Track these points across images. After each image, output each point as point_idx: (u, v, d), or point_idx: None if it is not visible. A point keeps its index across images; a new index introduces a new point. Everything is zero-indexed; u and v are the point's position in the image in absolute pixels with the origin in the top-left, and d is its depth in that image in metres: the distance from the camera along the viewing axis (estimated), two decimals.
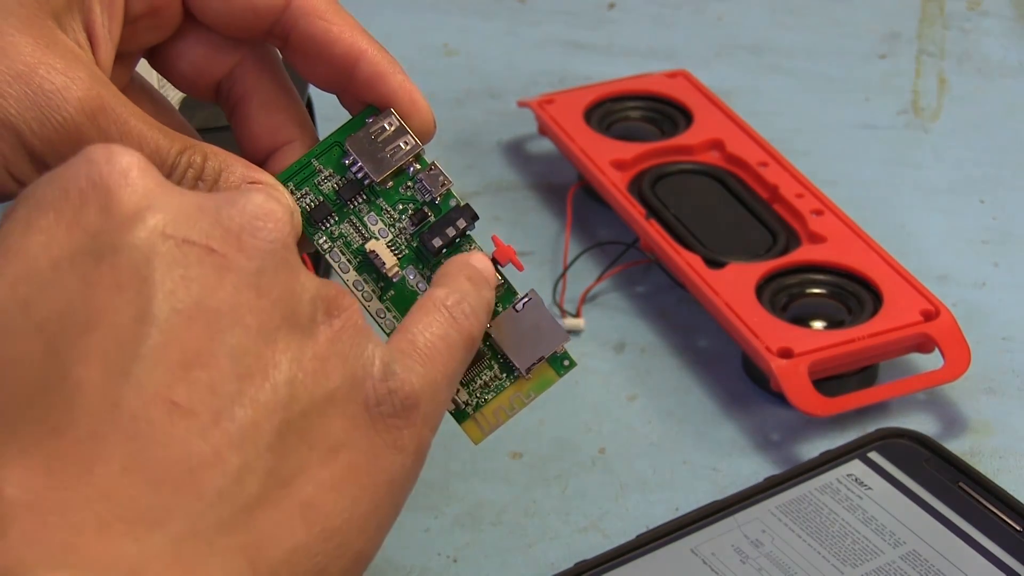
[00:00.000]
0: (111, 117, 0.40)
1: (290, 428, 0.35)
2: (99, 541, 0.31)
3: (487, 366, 0.43)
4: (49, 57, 0.39)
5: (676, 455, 0.58)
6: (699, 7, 0.89)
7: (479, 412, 0.43)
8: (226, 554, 0.33)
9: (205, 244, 0.35)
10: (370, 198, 0.44)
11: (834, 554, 0.51)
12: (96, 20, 0.42)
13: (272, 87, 0.45)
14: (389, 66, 0.44)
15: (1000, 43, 0.85)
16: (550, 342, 0.43)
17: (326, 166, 0.44)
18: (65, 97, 0.39)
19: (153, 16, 0.44)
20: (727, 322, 0.60)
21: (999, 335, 0.64)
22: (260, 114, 0.45)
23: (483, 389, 0.43)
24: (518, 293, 0.44)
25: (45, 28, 0.40)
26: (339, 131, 0.45)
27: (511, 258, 0.44)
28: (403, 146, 0.44)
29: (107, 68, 0.42)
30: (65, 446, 0.32)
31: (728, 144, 0.70)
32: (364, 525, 0.37)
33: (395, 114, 0.44)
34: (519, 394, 0.43)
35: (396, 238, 0.44)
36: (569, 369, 0.44)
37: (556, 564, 0.52)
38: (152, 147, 0.40)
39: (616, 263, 0.67)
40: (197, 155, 0.41)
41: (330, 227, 0.44)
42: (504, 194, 0.73)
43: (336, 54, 0.44)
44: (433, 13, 0.88)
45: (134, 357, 0.33)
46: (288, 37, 0.44)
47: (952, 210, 0.72)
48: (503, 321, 0.43)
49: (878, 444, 0.56)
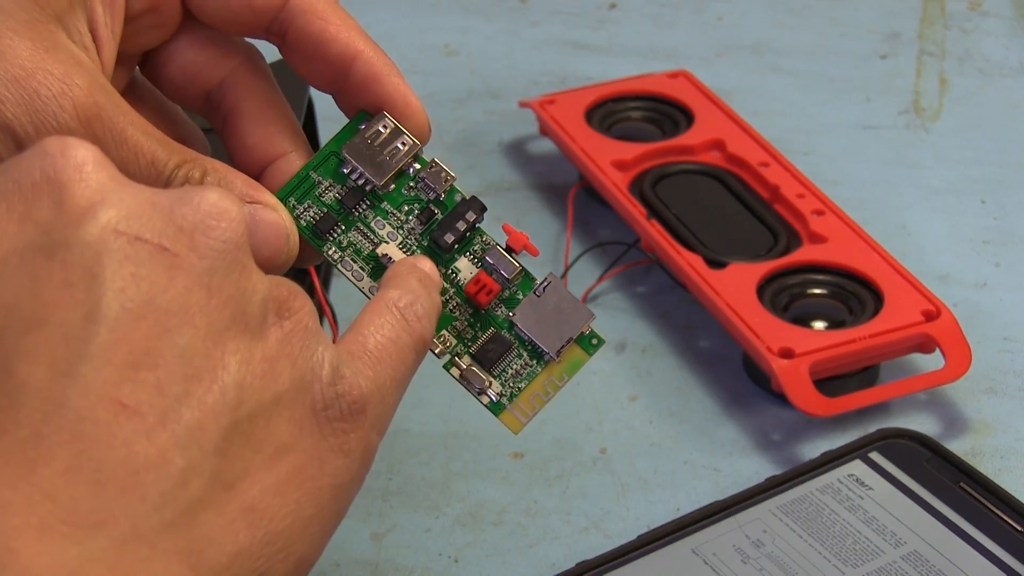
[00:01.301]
0: (107, 125, 0.40)
1: (237, 430, 0.34)
2: (39, 544, 0.31)
3: (516, 355, 0.43)
4: (47, 62, 0.39)
5: (677, 455, 0.58)
6: (700, 7, 0.89)
7: (514, 402, 0.43)
8: (168, 558, 0.33)
9: (157, 243, 0.34)
10: (374, 203, 0.44)
11: (835, 554, 0.51)
12: (99, 20, 0.42)
13: (264, 99, 0.45)
14: (384, 68, 0.44)
15: (1001, 43, 0.85)
16: (576, 322, 0.43)
17: (325, 177, 0.44)
18: (61, 104, 0.39)
19: (153, 14, 0.43)
20: (728, 322, 0.60)
21: (1000, 335, 0.64)
22: (252, 126, 0.45)
23: (515, 378, 0.43)
24: (536, 279, 0.44)
25: (45, 31, 0.40)
26: (333, 141, 0.44)
27: (525, 244, 0.44)
28: (401, 147, 0.44)
29: (110, 68, 0.42)
30: (7, 445, 0.32)
31: (729, 144, 0.70)
32: (307, 529, 0.36)
33: (389, 116, 0.44)
34: (552, 378, 0.43)
35: (406, 239, 0.44)
36: (598, 347, 0.43)
37: (557, 564, 0.52)
38: (148, 158, 0.40)
39: (617, 263, 0.67)
40: (196, 170, 0.41)
41: (338, 236, 0.44)
42: (505, 194, 0.73)
43: (332, 53, 0.44)
44: (434, 13, 0.88)
45: (81, 356, 0.33)
46: (285, 35, 0.44)
47: (953, 210, 0.72)
48: (526, 307, 0.43)
49: (879, 444, 0.56)
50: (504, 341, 0.43)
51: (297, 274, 0.62)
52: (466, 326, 0.43)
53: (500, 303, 0.43)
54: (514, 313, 0.43)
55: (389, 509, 0.55)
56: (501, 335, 0.43)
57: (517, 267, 0.43)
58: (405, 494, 0.56)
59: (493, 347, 0.43)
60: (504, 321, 0.43)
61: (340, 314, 0.62)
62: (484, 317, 0.43)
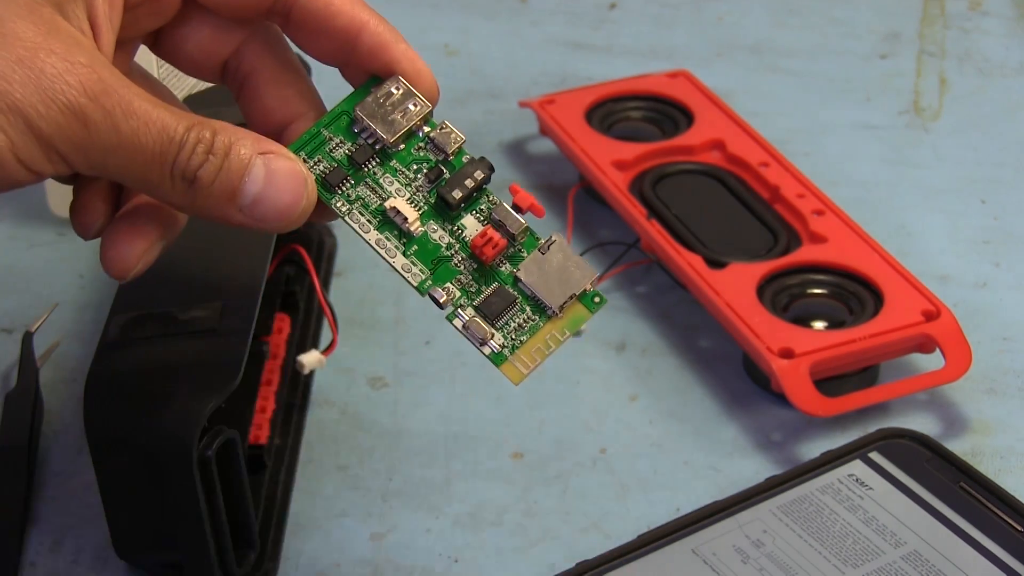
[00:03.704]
0: (114, 98, 0.40)
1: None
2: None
3: (520, 309, 0.44)
4: (50, 42, 0.40)
5: (677, 455, 0.58)
6: (699, 7, 0.89)
7: (515, 354, 0.44)
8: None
9: None
10: (383, 161, 0.45)
11: (835, 554, 0.51)
12: (98, 8, 0.42)
13: (278, 62, 0.46)
14: (391, 35, 0.45)
15: (1001, 43, 0.85)
16: (579, 280, 0.44)
17: (336, 134, 0.45)
18: (68, 80, 0.39)
19: (152, 2, 0.44)
20: (728, 322, 0.60)
21: (1000, 335, 0.64)
22: (268, 89, 0.46)
23: (518, 331, 0.44)
24: (541, 239, 0.44)
25: (46, 15, 0.40)
26: (346, 101, 0.45)
27: (532, 204, 0.45)
28: (412, 108, 0.45)
29: (109, 53, 0.42)
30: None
31: (729, 144, 0.70)
32: None
33: (401, 79, 0.45)
34: (554, 332, 0.44)
35: (414, 196, 0.44)
36: (600, 306, 0.44)
37: (557, 564, 0.52)
38: (158, 126, 0.41)
39: (617, 263, 0.67)
40: (206, 131, 0.41)
41: (347, 190, 0.44)
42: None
43: (338, 27, 0.45)
44: (434, 13, 0.88)
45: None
46: (289, 14, 0.45)
47: (953, 210, 0.72)
48: (531, 264, 0.44)
49: (879, 444, 0.56)
50: (507, 295, 0.44)
51: (297, 273, 0.62)
52: (470, 280, 0.44)
53: (505, 260, 0.44)
54: (519, 269, 0.44)
55: (389, 509, 0.55)
56: (505, 289, 0.44)
57: (522, 224, 0.44)
58: (405, 495, 0.56)
59: (496, 300, 0.44)
60: (508, 276, 0.44)
61: (340, 314, 0.62)
62: (488, 272, 0.44)
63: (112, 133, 0.40)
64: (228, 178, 0.42)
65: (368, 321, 0.64)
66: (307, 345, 0.61)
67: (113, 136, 0.40)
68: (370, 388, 0.61)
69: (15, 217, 0.70)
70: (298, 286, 0.62)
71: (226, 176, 0.42)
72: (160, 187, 0.41)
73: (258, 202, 0.42)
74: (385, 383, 0.61)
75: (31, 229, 0.69)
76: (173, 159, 0.41)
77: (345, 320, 0.63)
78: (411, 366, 0.62)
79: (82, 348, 0.62)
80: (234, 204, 0.42)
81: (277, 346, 0.59)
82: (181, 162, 0.41)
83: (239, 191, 0.42)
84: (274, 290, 0.61)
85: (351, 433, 0.59)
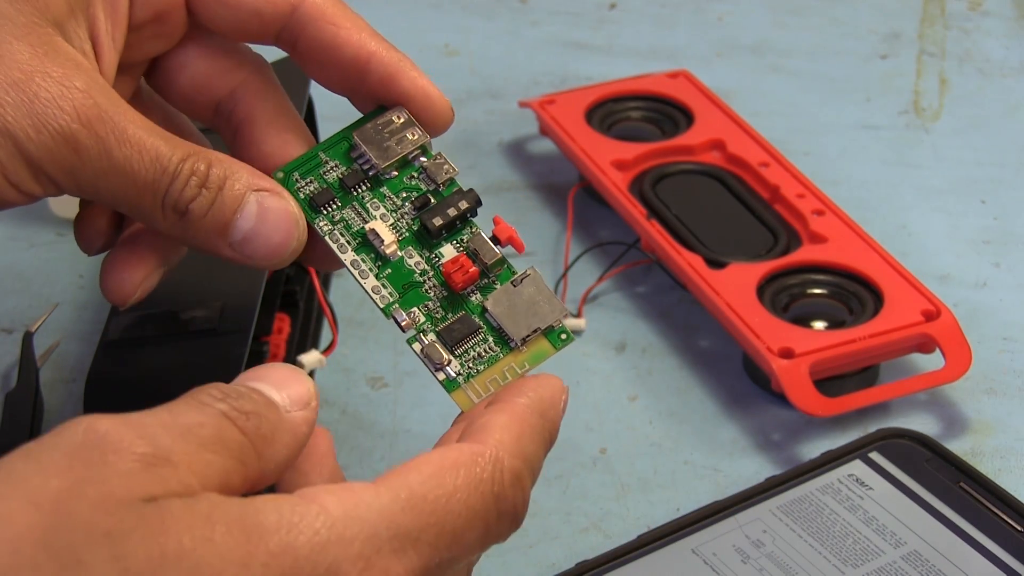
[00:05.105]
0: (108, 126, 0.40)
1: None
2: None
3: (482, 339, 0.43)
4: (47, 65, 0.39)
5: (677, 455, 0.58)
6: (700, 7, 0.89)
7: (470, 382, 0.43)
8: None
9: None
10: (374, 187, 0.45)
11: (835, 554, 0.51)
12: (100, 27, 0.42)
13: (277, 107, 0.45)
14: (400, 64, 0.44)
15: (1001, 43, 0.85)
16: (547, 315, 0.43)
17: (332, 158, 0.45)
18: (61, 106, 0.39)
19: (158, 23, 0.43)
20: (728, 322, 0.60)
21: (1000, 335, 0.64)
22: (268, 133, 0.45)
23: (476, 360, 0.43)
24: (517, 272, 0.44)
25: (44, 35, 0.40)
26: (348, 128, 0.45)
27: (511, 237, 0.44)
28: (409, 137, 0.44)
29: (110, 76, 0.42)
30: None
31: (729, 144, 0.70)
32: None
33: (405, 110, 0.44)
34: (513, 365, 0.43)
35: (397, 221, 0.44)
36: (566, 343, 0.43)
37: (557, 564, 0.52)
38: (152, 155, 0.40)
39: (617, 263, 0.67)
40: (201, 162, 0.41)
41: (331, 212, 0.44)
42: (505, 194, 0.73)
43: (346, 57, 0.44)
44: (434, 13, 0.88)
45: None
46: (296, 42, 0.44)
47: (953, 210, 0.72)
48: (500, 295, 0.43)
49: (879, 444, 0.56)
50: (471, 323, 0.43)
51: (297, 273, 0.62)
52: (438, 307, 0.44)
53: (477, 290, 0.44)
54: (487, 299, 0.43)
55: None
56: (470, 318, 0.43)
57: (497, 255, 0.44)
58: None
59: (459, 327, 0.43)
60: (477, 307, 0.44)
61: (340, 314, 0.62)
62: (458, 301, 0.44)
63: (104, 159, 0.40)
64: (220, 213, 0.41)
65: (368, 321, 0.64)
66: (307, 345, 0.61)
67: (105, 162, 0.40)
68: (370, 388, 0.61)
69: (15, 217, 0.70)
70: (298, 286, 0.62)
71: (218, 211, 0.41)
72: (151, 216, 0.41)
73: (249, 239, 0.42)
74: (385, 383, 0.61)
75: (31, 229, 0.69)
76: (165, 190, 0.41)
77: (345, 320, 0.63)
78: (411, 366, 0.62)
79: (82, 348, 0.62)
80: (224, 239, 0.42)
81: (277, 346, 0.59)
82: (173, 193, 0.41)
83: (230, 226, 0.42)
84: (274, 290, 0.61)
85: (351, 433, 0.59)
